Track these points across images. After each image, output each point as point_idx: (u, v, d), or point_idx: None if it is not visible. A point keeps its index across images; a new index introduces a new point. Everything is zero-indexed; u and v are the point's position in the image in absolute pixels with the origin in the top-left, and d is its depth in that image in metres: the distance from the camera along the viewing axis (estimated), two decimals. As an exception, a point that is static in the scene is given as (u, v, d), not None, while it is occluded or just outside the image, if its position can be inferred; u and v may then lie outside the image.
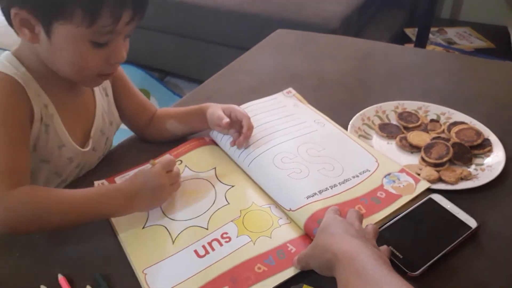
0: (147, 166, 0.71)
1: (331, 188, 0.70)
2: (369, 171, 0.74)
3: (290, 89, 0.97)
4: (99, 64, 0.66)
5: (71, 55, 0.64)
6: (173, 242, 0.64)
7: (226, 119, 0.77)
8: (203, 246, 0.63)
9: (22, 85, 0.65)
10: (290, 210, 0.67)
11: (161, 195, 0.67)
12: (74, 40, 0.62)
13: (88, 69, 0.66)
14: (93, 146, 0.78)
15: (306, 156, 0.77)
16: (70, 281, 0.59)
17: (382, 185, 0.72)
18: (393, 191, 0.70)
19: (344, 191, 0.70)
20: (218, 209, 0.69)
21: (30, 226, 0.61)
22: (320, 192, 0.69)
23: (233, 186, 0.73)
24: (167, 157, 0.70)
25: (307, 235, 0.64)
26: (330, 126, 0.86)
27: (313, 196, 0.68)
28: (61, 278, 0.59)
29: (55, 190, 0.66)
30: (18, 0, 0.60)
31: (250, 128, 0.78)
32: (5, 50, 0.69)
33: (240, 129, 0.79)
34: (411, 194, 0.70)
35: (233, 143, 0.79)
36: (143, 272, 0.60)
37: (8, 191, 0.59)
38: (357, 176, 0.73)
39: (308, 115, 0.89)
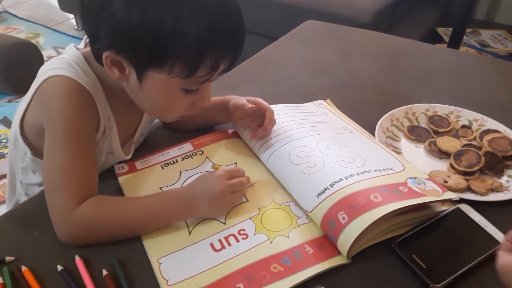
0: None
1: (346, 179, 0.64)
2: (393, 170, 0.69)
3: (322, 101, 0.91)
4: (185, 108, 0.66)
5: (159, 100, 0.64)
6: (190, 233, 0.63)
7: (251, 105, 0.76)
8: (220, 240, 0.61)
9: (92, 96, 0.64)
10: (307, 211, 0.65)
11: (222, 202, 0.64)
12: (167, 87, 0.62)
13: (173, 112, 0.67)
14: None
15: (325, 150, 0.72)
16: (86, 263, 0.58)
17: (405, 182, 0.65)
18: (417, 190, 0.64)
19: (359, 181, 0.64)
20: (237, 205, 0.67)
21: (95, 240, 0.61)
22: (332, 185, 0.64)
23: (253, 184, 0.71)
24: (233, 167, 0.70)
25: (326, 237, 0.62)
26: (357, 133, 0.81)
27: (323, 192, 0.63)
28: (78, 260, 0.58)
29: (119, 202, 0.65)
30: (115, 46, 0.58)
31: (272, 121, 0.76)
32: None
33: (262, 123, 0.77)
34: (437, 197, 0.64)
35: (252, 135, 0.77)
36: (158, 261, 0.59)
37: (75, 209, 0.59)
38: (379, 171, 0.67)
39: (337, 122, 0.84)
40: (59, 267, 0.57)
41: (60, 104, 0.62)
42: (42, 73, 0.65)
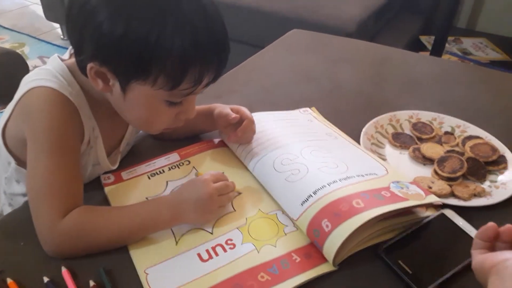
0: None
1: (329, 185, 0.65)
2: (376, 175, 0.70)
3: (307, 108, 0.92)
4: (169, 121, 0.66)
5: (143, 112, 0.64)
6: (177, 243, 0.63)
7: (235, 115, 0.76)
8: (207, 251, 0.61)
9: (76, 108, 0.64)
10: (293, 219, 0.65)
11: (209, 205, 0.64)
12: (150, 99, 0.62)
13: (157, 124, 0.67)
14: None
15: (309, 157, 0.73)
16: (73, 274, 0.58)
17: (388, 187, 0.66)
18: (400, 195, 0.64)
19: (342, 187, 0.64)
20: (224, 215, 0.67)
21: (81, 251, 0.60)
22: (315, 192, 0.64)
23: (240, 193, 0.72)
24: (218, 172, 0.70)
25: (313, 244, 0.62)
26: (342, 139, 0.81)
27: (307, 200, 0.64)
28: (64, 271, 0.57)
29: (103, 212, 0.64)
30: (100, 57, 0.58)
31: (246, 130, 0.76)
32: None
33: None
34: (420, 200, 0.65)
35: (228, 138, 0.79)
36: (144, 272, 0.58)
37: (60, 221, 0.59)
38: (362, 176, 0.68)
39: (321, 128, 0.85)
40: (45, 279, 0.57)
41: (43, 115, 0.62)
42: (25, 84, 0.64)
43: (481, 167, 0.78)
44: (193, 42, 0.56)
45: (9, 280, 0.56)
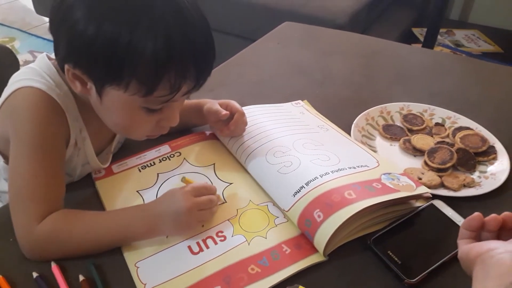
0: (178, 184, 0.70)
1: (321, 177, 0.65)
2: (368, 166, 0.70)
3: (299, 101, 0.92)
4: (149, 128, 0.64)
5: (121, 117, 0.62)
6: (167, 236, 0.63)
7: (226, 112, 0.76)
8: (197, 243, 0.61)
9: (63, 110, 0.62)
10: (284, 210, 0.65)
11: (188, 220, 0.61)
12: (126, 105, 0.59)
13: (137, 131, 0.64)
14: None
15: (301, 149, 0.73)
16: (62, 269, 0.57)
17: (379, 179, 0.67)
18: (391, 186, 0.65)
19: (334, 179, 0.65)
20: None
21: (57, 255, 0.59)
22: (308, 183, 0.64)
23: (231, 183, 0.72)
24: (201, 182, 0.67)
25: (303, 235, 0.62)
26: (333, 131, 0.82)
27: (299, 191, 0.64)
28: (54, 266, 0.57)
29: (80, 217, 0.61)
30: (72, 59, 0.56)
31: (238, 123, 0.76)
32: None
33: None
34: (410, 192, 0.65)
35: (220, 132, 0.78)
36: (135, 265, 0.59)
37: (36, 226, 0.58)
38: (354, 168, 0.69)
39: (313, 121, 0.85)
40: (35, 274, 0.57)
41: (27, 117, 0.60)
42: (12, 83, 0.63)
43: (471, 157, 0.78)
44: (166, 47, 0.53)
45: (-2, 275, 0.56)
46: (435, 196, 0.69)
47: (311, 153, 0.72)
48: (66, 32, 0.55)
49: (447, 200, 0.69)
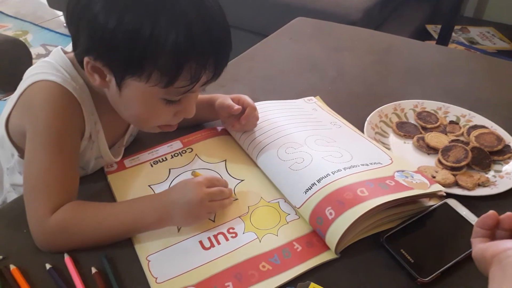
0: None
1: (333, 174, 0.65)
2: (381, 164, 0.69)
3: (312, 97, 0.92)
4: (167, 119, 0.65)
5: (140, 109, 0.62)
6: (179, 229, 0.63)
7: (238, 106, 0.75)
8: (209, 238, 0.61)
9: (79, 103, 0.62)
10: (296, 207, 0.65)
11: (198, 211, 0.61)
12: (146, 96, 0.60)
13: (155, 122, 0.65)
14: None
15: (313, 146, 0.73)
16: (75, 261, 0.58)
17: (393, 176, 0.66)
18: (404, 183, 0.64)
19: (347, 176, 0.64)
20: None
21: (69, 246, 0.59)
22: (319, 180, 0.64)
23: (242, 180, 0.71)
24: (215, 176, 0.68)
25: (315, 232, 0.62)
26: (346, 128, 0.81)
27: (311, 188, 0.64)
28: (67, 258, 0.58)
29: (93, 208, 0.62)
30: (93, 51, 0.57)
31: (249, 117, 0.76)
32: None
33: None
34: (424, 190, 0.64)
35: (231, 127, 0.78)
36: (146, 259, 0.59)
37: (49, 217, 0.58)
38: (367, 165, 0.68)
39: (326, 117, 0.84)
40: (48, 266, 0.57)
41: (44, 110, 0.61)
42: (28, 77, 0.63)
43: (486, 156, 0.77)
44: (187, 38, 0.54)
45: (12, 267, 0.57)
46: (449, 195, 0.68)
47: (323, 150, 0.72)
48: (86, 25, 0.56)
49: (461, 199, 0.68)
